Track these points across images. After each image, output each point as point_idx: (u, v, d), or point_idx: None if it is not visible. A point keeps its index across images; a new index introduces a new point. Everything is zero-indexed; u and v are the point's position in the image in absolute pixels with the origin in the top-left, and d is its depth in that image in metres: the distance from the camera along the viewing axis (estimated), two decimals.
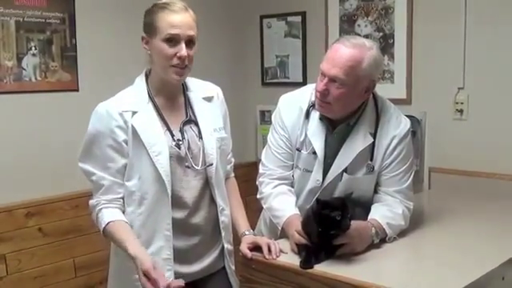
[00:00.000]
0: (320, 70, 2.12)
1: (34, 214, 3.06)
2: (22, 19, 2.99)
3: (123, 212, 1.99)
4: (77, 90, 3.23)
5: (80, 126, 2.10)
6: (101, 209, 1.97)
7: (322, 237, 1.95)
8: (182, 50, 1.94)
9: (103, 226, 1.95)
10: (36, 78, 3.07)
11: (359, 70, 2.08)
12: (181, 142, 2.01)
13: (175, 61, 1.95)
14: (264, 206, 2.33)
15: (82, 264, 3.23)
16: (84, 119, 2.04)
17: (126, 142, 1.96)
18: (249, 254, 2.06)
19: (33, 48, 3.05)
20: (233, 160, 2.29)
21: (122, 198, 1.99)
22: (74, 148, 2.07)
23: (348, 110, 2.18)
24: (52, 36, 3.11)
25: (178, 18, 1.94)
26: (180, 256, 2.02)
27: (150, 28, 1.96)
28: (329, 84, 2.08)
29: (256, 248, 2.07)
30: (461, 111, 3.08)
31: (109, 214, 1.96)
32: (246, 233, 2.15)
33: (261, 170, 2.35)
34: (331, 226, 1.92)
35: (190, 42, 1.96)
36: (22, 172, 3.03)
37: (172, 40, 1.93)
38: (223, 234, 2.14)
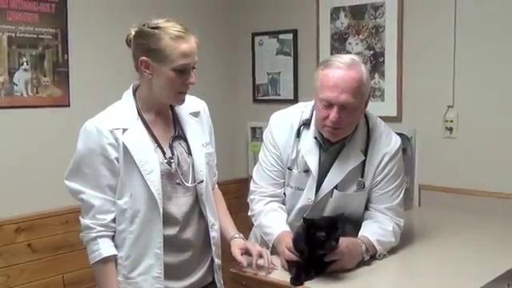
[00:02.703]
0: (321, 100, 2.10)
1: (24, 229, 3.05)
2: (14, 34, 3.00)
3: (114, 232, 1.98)
4: (68, 106, 3.23)
5: (71, 142, 2.09)
6: (95, 237, 1.94)
7: (310, 255, 1.95)
8: (192, 77, 1.95)
9: (97, 259, 1.94)
10: (27, 94, 3.07)
11: (363, 87, 2.10)
12: (172, 160, 2.00)
13: (184, 88, 1.96)
14: (255, 223, 2.34)
15: (72, 280, 3.21)
16: (75, 135, 2.03)
17: (117, 159, 1.93)
18: (243, 260, 2.05)
19: (25, 63, 3.05)
20: (216, 173, 2.28)
21: (114, 219, 1.96)
22: (64, 163, 2.05)
23: (354, 127, 2.20)
24: (44, 51, 3.12)
25: (189, 48, 1.91)
26: (170, 272, 2.01)
27: (157, 54, 1.91)
28: (340, 111, 2.08)
29: (247, 253, 2.07)
30: (450, 129, 3.11)
31: (104, 247, 1.94)
32: (236, 236, 2.15)
33: (252, 188, 2.36)
34: (316, 245, 1.92)
35: (194, 67, 1.97)
36: (12, 187, 3.02)
37: (184, 70, 1.92)
38: (213, 249, 2.13)
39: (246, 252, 2.08)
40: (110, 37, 3.34)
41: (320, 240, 1.91)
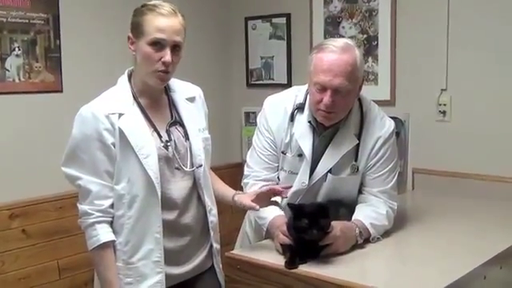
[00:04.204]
0: (315, 84, 2.10)
1: (18, 215, 3.04)
2: (5, 20, 2.97)
3: (112, 218, 1.97)
4: (61, 91, 3.21)
5: (64, 127, 2.09)
6: (94, 223, 1.93)
7: (298, 240, 1.97)
8: (167, 55, 1.92)
9: (96, 245, 1.93)
10: (20, 79, 3.05)
11: (357, 71, 2.10)
12: (169, 144, 2.00)
13: (159, 66, 1.93)
14: None
15: (67, 266, 3.22)
16: (68, 120, 2.02)
17: (113, 144, 1.92)
18: (256, 206, 2.07)
19: (16, 49, 3.03)
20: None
21: (112, 205, 1.96)
22: (58, 149, 2.05)
23: (348, 111, 2.20)
24: (36, 37, 3.10)
25: (165, 22, 1.91)
26: (170, 257, 2.01)
27: (136, 29, 1.94)
28: (333, 95, 2.07)
29: (259, 199, 2.09)
30: (444, 113, 3.11)
31: (103, 233, 1.93)
32: (239, 192, 2.19)
33: (246, 172, 2.36)
34: (301, 232, 1.94)
35: (175, 48, 1.94)
36: (6, 173, 3.01)
37: (157, 44, 1.91)
38: (212, 234, 2.14)
39: (257, 198, 2.09)
40: (102, 22, 3.32)
41: (303, 227, 1.92)
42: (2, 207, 3.00)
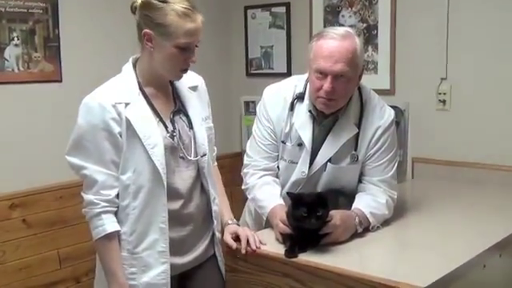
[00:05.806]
0: (315, 70, 2.09)
1: (18, 205, 3.05)
2: (4, 9, 2.96)
3: (117, 208, 1.96)
4: (60, 81, 3.21)
5: (63, 117, 2.09)
6: (99, 213, 1.92)
7: (297, 229, 1.98)
8: (194, 56, 1.96)
9: (101, 235, 1.92)
10: (19, 69, 3.05)
11: (357, 58, 2.10)
12: (174, 133, 2.00)
13: (184, 65, 1.96)
14: (249, 197, 2.34)
15: (67, 255, 3.23)
16: (67, 110, 2.02)
17: (120, 134, 1.91)
18: (233, 244, 2.06)
19: (15, 38, 3.02)
20: (215, 149, 2.28)
21: (118, 195, 1.95)
22: (57, 139, 2.05)
23: (348, 99, 2.20)
24: (35, 26, 3.09)
25: (194, 27, 1.92)
26: (173, 247, 2.01)
27: (159, 28, 1.89)
28: (334, 82, 2.07)
29: (238, 238, 2.08)
30: (443, 102, 3.11)
31: (109, 223, 1.92)
32: (229, 222, 2.16)
33: (246, 161, 2.36)
34: (300, 221, 1.94)
35: (196, 45, 1.97)
36: (5, 163, 3.01)
37: (186, 48, 1.92)
38: (215, 223, 2.14)
39: (236, 236, 2.08)
40: (101, 10, 3.31)
41: (302, 216, 1.93)
42: (3, 197, 3.00)
